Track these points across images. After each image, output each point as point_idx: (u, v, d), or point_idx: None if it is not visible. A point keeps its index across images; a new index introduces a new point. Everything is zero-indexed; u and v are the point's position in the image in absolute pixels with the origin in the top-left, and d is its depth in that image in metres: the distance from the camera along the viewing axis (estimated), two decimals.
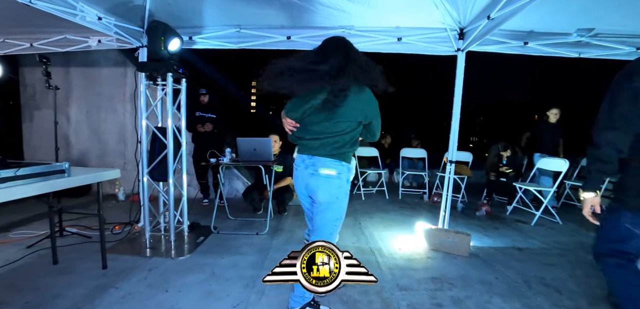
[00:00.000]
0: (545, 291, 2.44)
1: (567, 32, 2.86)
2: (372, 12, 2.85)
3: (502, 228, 4.06)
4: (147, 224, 3.05)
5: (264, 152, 3.40)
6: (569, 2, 2.48)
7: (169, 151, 2.92)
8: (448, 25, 2.84)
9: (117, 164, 5.00)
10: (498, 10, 2.24)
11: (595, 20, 2.70)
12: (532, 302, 2.26)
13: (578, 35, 2.82)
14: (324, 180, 1.70)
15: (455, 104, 2.93)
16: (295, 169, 1.86)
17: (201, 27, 3.26)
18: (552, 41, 2.97)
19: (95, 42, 3.53)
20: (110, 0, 2.81)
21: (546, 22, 2.76)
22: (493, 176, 4.94)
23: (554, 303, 2.27)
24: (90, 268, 2.49)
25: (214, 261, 2.72)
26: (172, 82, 2.91)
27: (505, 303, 2.23)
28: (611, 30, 2.82)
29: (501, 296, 2.32)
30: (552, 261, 3.02)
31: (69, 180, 2.08)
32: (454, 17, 2.77)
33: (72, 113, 5.07)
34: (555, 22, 2.76)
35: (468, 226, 4.10)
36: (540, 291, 2.43)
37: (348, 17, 2.94)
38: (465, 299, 2.27)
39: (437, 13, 2.68)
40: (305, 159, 1.76)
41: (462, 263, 2.88)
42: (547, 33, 2.92)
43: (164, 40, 2.75)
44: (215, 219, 3.59)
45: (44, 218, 3.51)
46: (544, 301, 2.28)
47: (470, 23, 2.77)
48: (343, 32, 3.12)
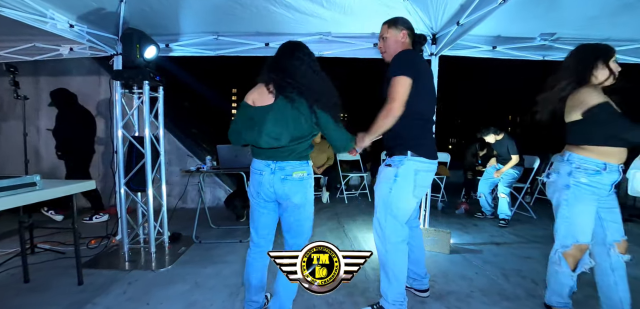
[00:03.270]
0: (522, 282, 2.54)
1: (532, 36, 3.03)
2: (348, 19, 2.91)
3: (480, 225, 4.21)
4: (125, 236, 2.96)
5: (245, 158, 3.38)
6: (532, 9, 2.63)
7: (147, 160, 2.85)
8: (421, 31, 2.93)
9: (92, 175, 4.82)
10: (466, 17, 2.35)
11: (557, 25, 2.87)
12: (510, 293, 2.36)
13: (541, 39, 2.99)
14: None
15: None
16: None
17: (178, 35, 3.22)
18: (518, 45, 3.13)
19: (66, 51, 3.41)
20: (83, 7, 2.73)
21: (512, 27, 2.91)
22: (470, 175, 5.12)
23: (530, 293, 2.38)
24: (65, 285, 2.38)
25: (196, 271, 2.67)
26: (149, 89, 2.86)
27: (485, 297, 2.31)
28: (571, 35, 3.01)
29: (481, 290, 2.41)
30: (528, 254, 3.16)
31: (40, 193, 2.00)
32: (426, 23, 2.87)
33: (42, 124, 4.86)
34: (520, 27, 2.92)
35: (448, 224, 4.22)
36: (517, 282, 2.54)
37: (325, 23, 2.99)
38: (447, 294, 2.33)
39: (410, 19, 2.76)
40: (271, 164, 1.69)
41: (443, 260, 2.96)
42: (513, 38, 3.08)
43: (139, 48, 2.70)
44: (198, 229, 3.52)
45: (14, 235, 3.34)
46: (521, 292, 2.38)
47: (441, 29, 2.89)
48: (320, 38, 3.16)
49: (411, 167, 1.80)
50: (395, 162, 1.84)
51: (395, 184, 1.82)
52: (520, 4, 2.46)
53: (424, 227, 3.21)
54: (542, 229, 4.05)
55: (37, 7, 2.49)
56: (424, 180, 1.88)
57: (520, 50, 3.19)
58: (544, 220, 4.47)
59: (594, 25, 2.82)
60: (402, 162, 1.81)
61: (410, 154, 1.80)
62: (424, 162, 1.82)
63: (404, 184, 1.82)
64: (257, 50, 3.26)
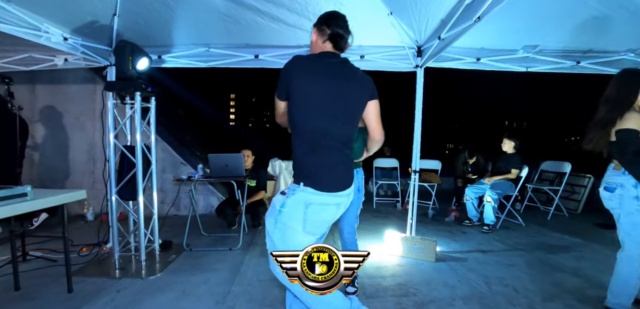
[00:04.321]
0: (504, 290, 2.59)
1: (515, 48, 3.12)
2: None
3: (469, 232, 4.26)
4: (116, 244, 3.00)
5: (236, 167, 3.44)
6: (514, 22, 2.73)
7: (138, 169, 2.91)
8: (406, 44, 3.02)
9: (86, 183, 4.87)
10: (446, 32, 2.44)
11: (539, 37, 2.96)
12: (490, 302, 2.41)
13: (524, 51, 3.08)
14: None
15: (416, 117, 3.11)
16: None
17: (170, 46, 3.30)
18: (501, 57, 3.22)
19: (61, 61, 3.48)
20: (77, 20, 2.81)
21: (495, 40, 3.01)
22: (460, 183, 5.18)
23: (511, 301, 2.43)
24: (54, 293, 2.43)
25: (185, 279, 2.72)
26: (141, 100, 2.93)
27: (466, 305, 2.36)
28: (553, 47, 3.10)
29: (462, 298, 2.46)
30: (513, 262, 3.22)
31: (31, 203, 2.05)
32: (412, 37, 2.96)
33: (37, 132, 4.92)
34: (503, 40, 3.01)
35: (437, 231, 4.28)
36: (499, 291, 2.59)
37: None
38: (428, 303, 2.38)
39: (395, 32, 2.86)
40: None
41: (428, 268, 3.01)
42: (496, 50, 3.17)
43: (131, 60, 2.77)
44: (189, 236, 3.57)
45: (5, 243, 3.38)
46: (502, 301, 2.43)
47: (426, 42, 2.98)
48: (308, 50, 3.23)
49: (301, 199, 1.44)
50: (288, 191, 1.48)
51: (279, 216, 1.45)
52: (502, 18, 2.55)
53: (410, 235, 3.27)
54: (529, 237, 4.11)
55: (32, 21, 2.57)
56: (317, 215, 1.48)
57: (503, 62, 3.28)
58: (532, 227, 4.53)
59: (576, 37, 2.92)
60: (293, 192, 1.46)
61: (303, 185, 1.44)
62: (316, 194, 1.44)
63: (289, 217, 1.45)
64: (247, 62, 3.33)
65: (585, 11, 2.52)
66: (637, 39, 2.96)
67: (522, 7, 2.50)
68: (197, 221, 4.03)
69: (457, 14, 2.25)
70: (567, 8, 2.52)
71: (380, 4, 2.64)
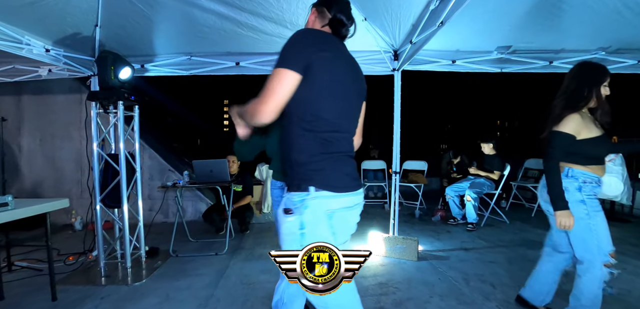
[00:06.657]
0: (481, 286, 2.66)
1: (489, 49, 3.21)
2: None
3: (454, 231, 4.34)
4: (101, 252, 3.03)
5: (220, 172, 3.49)
6: (487, 24, 2.80)
7: (122, 177, 2.94)
8: (382, 48, 3.09)
9: (74, 192, 4.88)
10: (417, 36, 2.52)
11: (512, 38, 3.05)
12: (467, 298, 2.48)
13: (498, 52, 3.17)
14: None
15: (395, 119, 3.19)
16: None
17: (153, 56, 3.35)
18: (476, 59, 3.31)
19: (45, 72, 3.51)
20: (59, 32, 2.85)
21: (470, 41, 3.09)
22: (445, 183, 5.26)
23: (487, 296, 2.50)
24: (38, 302, 2.46)
25: (169, 284, 2.75)
26: (124, 109, 2.97)
27: (443, 302, 2.43)
28: (526, 47, 3.19)
29: (440, 295, 2.52)
30: (494, 258, 3.29)
31: (12, 213, 2.09)
32: (387, 41, 3.04)
33: (24, 142, 4.93)
34: (477, 42, 3.10)
35: (423, 231, 4.35)
36: (477, 287, 2.66)
37: None
38: (406, 301, 2.44)
39: (371, 37, 2.94)
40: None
41: (410, 267, 3.07)
42: (471, 51, 3.26)
43: (113, 70, 2.81)
44: (177, 243, 3.60)
45: None
46: (478, 297, 2.49)
47: (401, 45, 3.06)
48: None
49: (320, 209, 1.19)
50: (295, 206, 1.20)
51: (304, 241, 1.17)
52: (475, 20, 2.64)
53: (392, 235, 3.33)
54: (512, 234, 4.19)
55: (12, 34, 2.61)
56: (344, 221, 1.30)
57: (478, 64, 3.37)
58: (516, 225, 4.62)
59: (547, 37, 3.01)
60: (304, 204, 1.18)
61: (314, 190, 1.18)
62: (336, 197, 1.21)
63: (316, 236, 1.17)
64: (229, 69, 3.40)
65: (553, 11, 2.60)
66: (607, 37, 3.05)
67: (494, 7, 2.56)
68: (184, 227, 4.07)
69: (424, 19, 2.33)
70: (536, 7, 2.58)
71: (355, 10, 2.72)
